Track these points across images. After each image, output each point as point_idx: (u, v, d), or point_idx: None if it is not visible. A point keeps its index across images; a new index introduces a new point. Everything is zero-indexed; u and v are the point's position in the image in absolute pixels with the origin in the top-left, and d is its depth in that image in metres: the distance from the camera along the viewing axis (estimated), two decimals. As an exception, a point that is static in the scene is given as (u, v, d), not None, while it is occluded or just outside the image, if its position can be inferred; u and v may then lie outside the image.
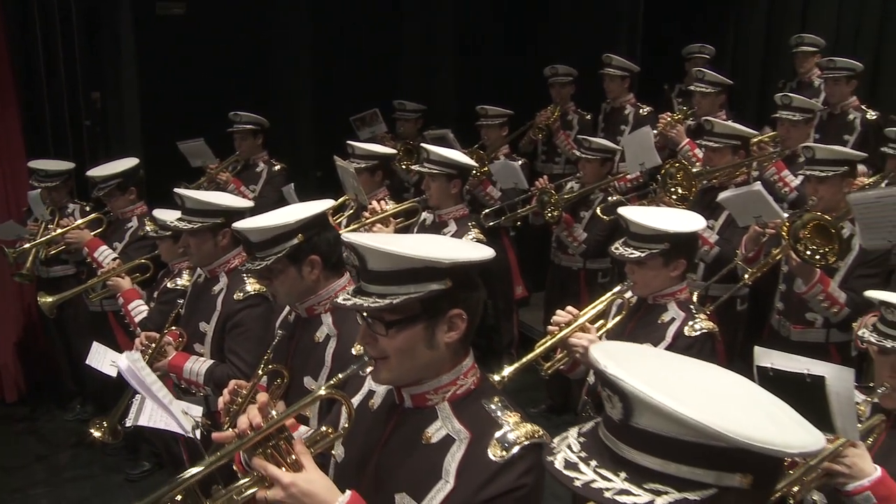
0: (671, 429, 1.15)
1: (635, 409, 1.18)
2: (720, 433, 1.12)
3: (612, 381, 1.20)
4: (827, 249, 3.75)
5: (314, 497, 1.77)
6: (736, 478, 1.17)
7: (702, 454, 1.15)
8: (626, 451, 1.21)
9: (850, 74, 6.65)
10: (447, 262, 1.81)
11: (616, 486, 1.18)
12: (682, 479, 1.17)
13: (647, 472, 1.18)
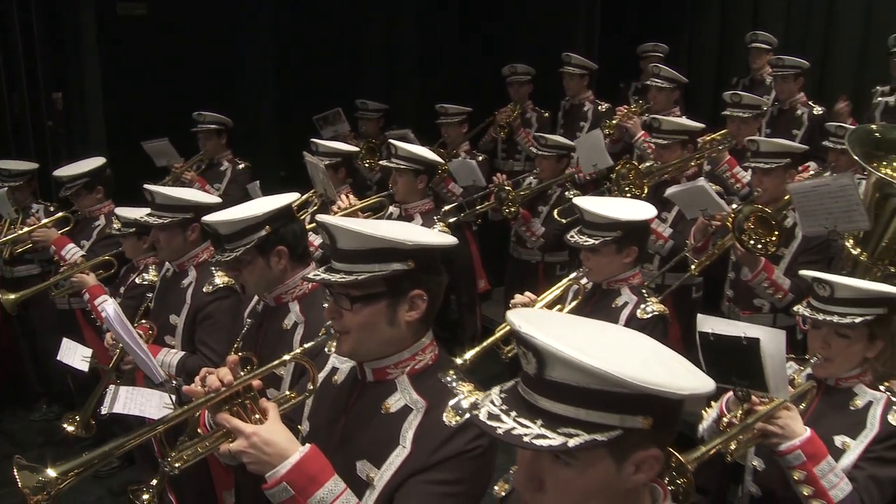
0: (580, 379, 1.29)
1: (548, 363, 1.32)
2: (622, 380, 1.26)
3: (526, 339, 1.33)
4: (768, 239, 3.94)
5: (274, 446, 1.88)
6: (638, 420, 1.31)
7: (607, 400, 1.29)
8: (542, 401, 1.34)
9: (797, 72, 6.90)
10: (410, 244, 1.95)
11: (533, 431, 1.31)
12: (591, 422, 1.30)
13: (561, 419, 1.31)
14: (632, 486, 1.38)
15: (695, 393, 1.32)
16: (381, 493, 1.97)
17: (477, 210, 5.85)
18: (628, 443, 1.33)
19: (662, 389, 1.27)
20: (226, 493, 3.74)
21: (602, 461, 1.34)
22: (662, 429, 1.35)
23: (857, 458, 2.60)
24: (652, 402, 1.30)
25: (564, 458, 1.34)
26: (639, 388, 1.26)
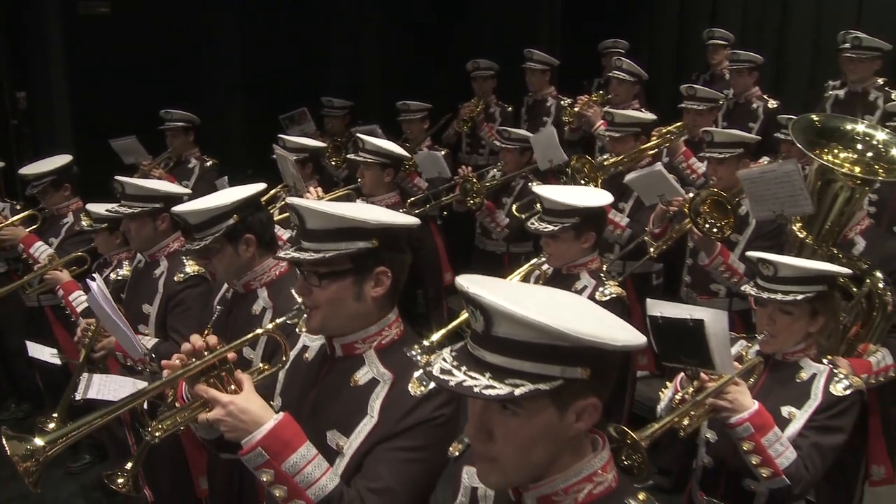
0: (524, 334, 1.41)
1: (494, 320, 1.43)
2: (563, 333, 1.37)
3: (473, 298, 1.45)
4: (724, 223, 4.11)
5: (250, 414, 1.98)
6: (577, 370, 1.43)
7: (549, 353, 1.41)
8: (489, 356, 1.45)
9: (752, 66, 7.13)
10: (374, 223, 2.07)
11: (482, 382, 1.42)
12: (535, 374, 1.42)
13: (507, 371, 1.43)
14: (574, 433, 1.50)
15: (627, 344, 1.44)
16: (350, 460, 2.08)
17: (442, 201, 5.97)
18: (569, 392, 1.45)
19: (599, 341, 1.39)
20: (201, 478, 3.86)
21: (546, 410, 1.45)
22: (600, 379, 1.47)
23: (802, 427, 2.76)
24: (589, 353, 1.42)
25: (511, 407, 1.46)
26: (578, 341, 1.38)
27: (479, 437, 1.51)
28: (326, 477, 1.97)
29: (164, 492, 4.02)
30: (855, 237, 3.89)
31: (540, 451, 1.48)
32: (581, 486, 1.53)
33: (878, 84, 6.55)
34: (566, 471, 1.53)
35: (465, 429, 1.54)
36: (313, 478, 1.95)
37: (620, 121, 5.34)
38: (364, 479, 2.04)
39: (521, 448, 1.48)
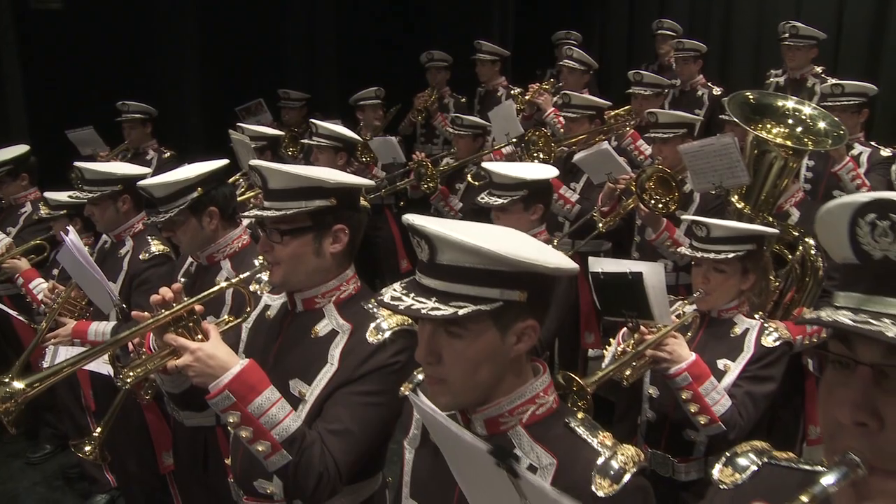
0: (466, 259, 1.55)
1: (438, 248, 1.57)
2: (502, 256, 1.52)
3: (419, 229, 1.59)
4: (668, 199, 4.30)
5: (217, 359, 2.10)
6: (515, 293, 1.58)
7: (489, 277, 1.55)
8: (435, 283, 1.59)
9: (696, 55, 7.40)
10: (333, 182, 2.22)
11: (429, 305, 1.55)
12: (477, 297, 1.56)
13: (451, 296, 1.57)
14: (515, 355, 1.64)
15: (559, 267, 1.60)
16: (312, 405, 2.22)
17: (398, 186, 6.10)
18: (509, 315, 1.60)
19: (534, 263, 1.55)
20: (165, 454, 3.93)
21: (488, 331, 1.60)
22: (536, 302, 1.62)
23: (736, 378, 2.94)
24: (526, 277, 1.57)
25: (456, 330, 1.59)
26: (515, 264, 1.54)
27: (428, 359, 1.64)
28: (290, 418, 2.10)
29: (129, 471, 4.10)
30: (790, 208, 4.12)
31: (485, 371, 1.62)
32: (525, 408, 1.68)
33: (816, 71, 6.85)
34: (510, 394, 1.67)
35: (416, 353, 1.67)
36: (277, 419, 2.08)
37: (577, 103, 5.56)
38: (324, 421, 2.18)
39: (468, 368, 1.61)
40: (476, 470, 0.84)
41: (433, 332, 1.63)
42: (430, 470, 1.81)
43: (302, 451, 2.09)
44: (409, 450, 1.90)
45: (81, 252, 3.18)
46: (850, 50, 8.12)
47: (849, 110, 5.51)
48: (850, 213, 0.97)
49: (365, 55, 9.05)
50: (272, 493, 2.35)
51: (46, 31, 7.37)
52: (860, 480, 0.94)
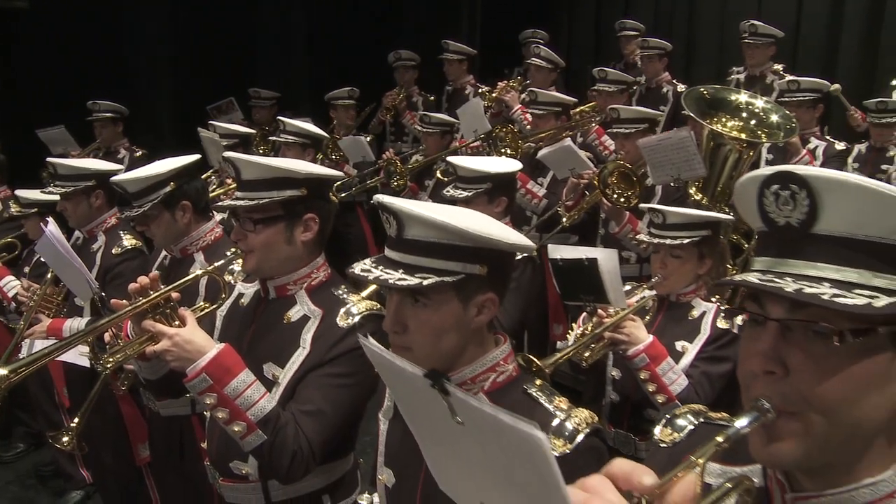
0: (431, 234, 1.67)
1: (406, 224, 1.69)
2: (465, 231, 1.65)
3: (389, 206, 1.71)
4: (630, 193, 4.44)
5: (194, 344, 2.20)
6: (476, 267, 1.70)
7: (452, 251, 1.68)
8: (402, 256, 1.71)
9: (661, 53, 7.54)
10: (304, 173, 2.33)
11: (396, 276, 1.68)
12: (440, 269, 1.68)
13: (417, 268, 1.69)
14: (476, 326, 1.76)
15: (517, 244, 1.73)
16: (285, 388, 2.32)
17: (367, 184, 6.20)
18: (470, 287, 1.72)
19: (494, 239, 1.68)
20: (141, 446, 3.98)
21: (451, 302, 1.72)
22: (496, 276, 1.75)
23: (693, 359, 3.07)
24: (486, 253, 1.70)
25: (421, 299, 1.72)
26: (476, 240, 1.66)
27: (395, 328, 1.76)
28: (265, 399, 2.20)
29: (105, 464, 4.14)
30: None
31: (448, 340, 1.74)
32: (486, 376, 1.80)
33: (775, 68, 7.04)
34: (473, 362, 1.79)
35: (384, 323, 1.79)
36: (252, 400, 2.17)
37: (544, 100, 5.68)
38: (297, 402, 2.28)
39: (432, 336, 1.74)
40: (419, 402, 0.94)
41: (400, 302, 1.75)
42: (402, 439, 1.93)
43: (276, 430, 2.18)
44: (384, 421, 2.03)
45: (61, 241, 3.23)
46: (808, 48, 8.35)
47: (805, 106, 5.71)
48: (757, 185, 1.09)
49: (335, 54, 9.12)
50: (248, 474, 2.44)
51: (14, 29, 7.37)
52: (770, 423, 1.04)
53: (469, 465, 0.92)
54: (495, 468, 0.86)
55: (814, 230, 1.03)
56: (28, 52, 7.34)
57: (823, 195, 1.01)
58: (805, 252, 1.04)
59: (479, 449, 0.86)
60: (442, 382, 0.82)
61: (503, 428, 0.79)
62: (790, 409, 1.03)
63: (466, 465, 0.93)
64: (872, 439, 1.06)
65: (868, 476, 1.06)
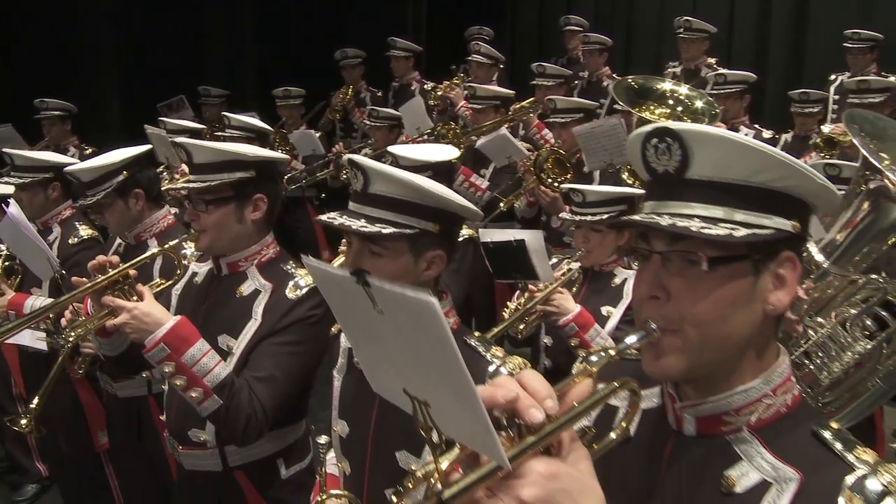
0: (393, 190, 1.89)
1: (371, 179, 1.90)
2: (425, 189, 1.87)
3: (357, 162, 1.92)
4: (564, 178, 4.67)
5: (152, 316, 2.36)
6: (430, 224, 1.92)
7: (410, 208, 1.89)
8: (365, 209, 1.92)
9: (601, 47, 7.82)
10: (252, 155, 2.51)
11: (358, 223, 1.88)
12: (398, 222, 1.89)
13: (377, 219, 1.90)
14: (425, 279, 1.97)
15: (465, 206, 1.96)
16: (238, 357, 2.50)
17: (318, 177, 6.35)
18: (422, 242, 1.93)
19: (448, 199, 1.91)
20: (100, 433, 4.05)
21: (404, 255, 1.93)
22: (446, 234, 1.97)
23: (618, 322, 3.29)
24: (439, 212, 1.92)
25: (378, 249, 1.92)
26: (433, 198, 1.89)
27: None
28: (220, 367, 2.37)
29: (64, 453, 4.18)
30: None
31: None
32: None
33: (709, 62, 7.35)
34: None
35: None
36: (209, 367, 2.34)
37: (482, 94, 5.90)
38: (250, 370, 2.46)
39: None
40: (352, 306, 1.08)
41: (358, 252, 1.95)
42: (353, 392, 2.14)
43: (232, 395, 2.35)
44: (338, 377, 2.24)
45: (23, 222, 3.33)
46: (741, 42, 8.73)
47: (733, 96, 6.03)
48: (641, 139, 1.28)
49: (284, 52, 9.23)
50: (205, 441, 2.61)
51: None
52: (656, 341, 1.24)
53: (392, 356, 1.09)
54: (410, 349, 1.03)
55: (686, 176, 1.23)
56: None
57: (693, 146, 1.21)
58: (680, 194, 1.24)
59: (397, 333, 1.03)
60: (364, 277, 1.00)
61: (407, 301, 0.95)
62: (672, 327, 1.23)
63: (391, 357, 1.10)
64: (743, 353, 1.26)
65: (741, 384, 1.26)
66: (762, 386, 1.27)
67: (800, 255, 1.27)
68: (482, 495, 0.98)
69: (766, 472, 1.21)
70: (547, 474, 0.99)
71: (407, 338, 1.01)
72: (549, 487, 0.98)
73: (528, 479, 0.98)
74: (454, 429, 1.03)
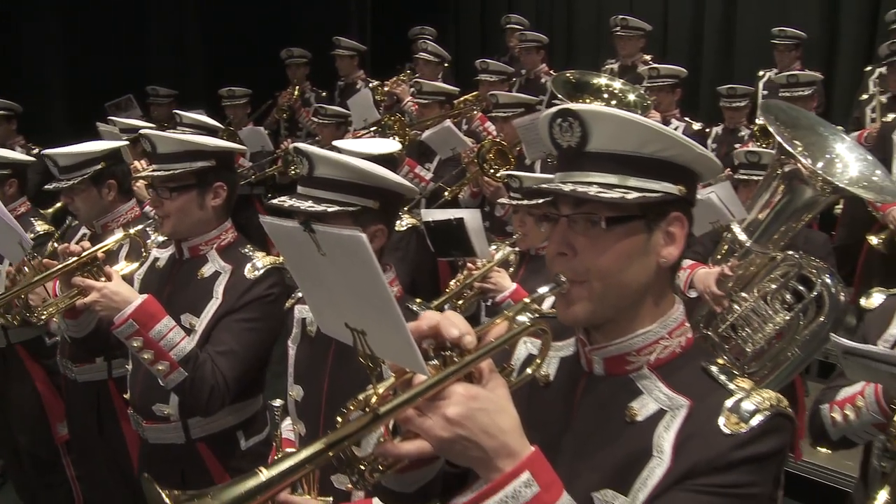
0: (336, 173, 2.09)
1: (316, 164, 2.10)
2: (365, 171, 2.08)
3: (301, 149, 2.12)
4: (506, 168, 4.88)
5: (121, 295, 2.53)
6: (370, 202, 2.13)
7: (352, 188, 2.10)
8: (311, 191, 2.12)
9: (538, 45, 8.07)
10: (212, 146, 2.69)
11: (306, 204, 2.08)
12: (342, 202, 2.10)
13: (323, 200, 2.10)
14: None
15: (403, 184, 2.17)
16: (201, 334, 2.67)
17: (266, 172, 6.50)
18: (365, 218, 2.13)
19: (387, 179, 2.12)
20: (59, 424, 4.13)
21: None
22: (386, 211, 2.18)
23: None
24: (379, 191, 2.13)
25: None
26: (373, 179, 2.10)
27: None
28: (185, 341, 2.55)
29: (23, 446, 4.23)
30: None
31: None
32: None
33: (645, 59, 7.64)
34: None
35: None
36: (174, 342, 2.52)
37: (427, 90, 6.12)
38: (212, 345, 2.63)
39: None
40: (302, 254, 1.26)
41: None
42: (306, 358, 2.35)
43: (196, 368, 2.53)
44: (292, 347, 2.43)
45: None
46: (676, 40, 9.08)
47: (665, 89, 6.32)
48: (548, 120, 1.48)
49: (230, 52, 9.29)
50: (169, 415, 2.77)
51: None
52: (566, 292, 1.44)
53: (335, 294, 1.28)
54: (347, 283, 1.22)
55: (586, 149, 1.43)
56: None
57: (590, 123, 1.42)
58: (581, 165, 1.45)
59: (337, 271, 1.22)
60: (310, 225, 1.20)
61: (342, 238, 1.16)
62: (578, 279, 1.43)
63: (334, 296, 1.28)
64: (641, 300, 1.46)
65: (640, 328, 1.47)
66: (659, 329, 1.47)
67: (688, 215, 1.47)
68: (413, 414, 1.19)
69: (663, 402, 1.41)
70: (468, 395, 1.19)
71: (344, 272, 1.21)
72: (470, 406, 1.18)
73: (452, 399, 1.18)
74: (385, 350, 1.23)
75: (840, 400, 2.45)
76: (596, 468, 1.41)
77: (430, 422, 1.18)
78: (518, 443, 1.21)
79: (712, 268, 3.66)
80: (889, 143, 5.29)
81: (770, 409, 1.34)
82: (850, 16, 7.88)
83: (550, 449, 1.29)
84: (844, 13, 7.91)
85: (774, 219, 3.55)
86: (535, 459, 1.21)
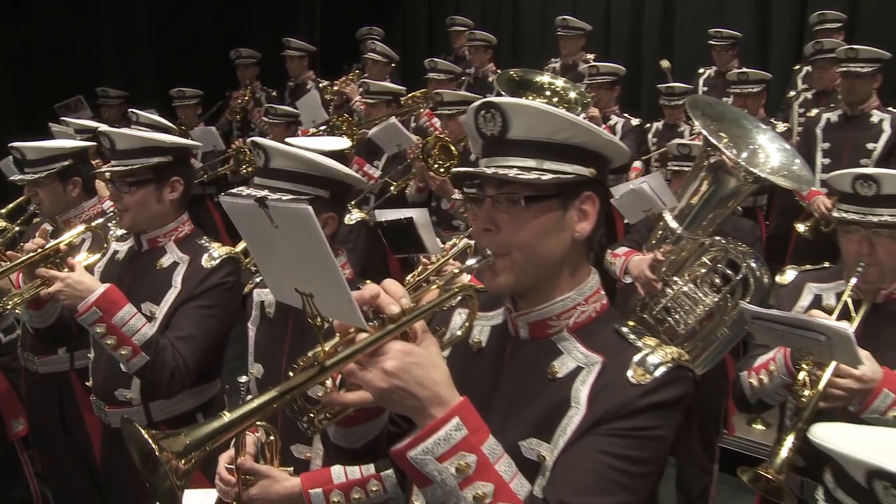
0: (290, 164, 2.25)
1: (271, 156, 2.26)
2: (317, 163, 2.24)
3: (258, 142, 2.28)
4: (450, 164, 5.06)
5: (84, 283, 2.67)
6: (322, 191, 2.29)
7: (304, 178, 2.27)
8: (268, 182, 2.28)
9: (486, 44, 8.27)
10: (169, 142, 2.83)
11: (262, 194, 2.20)
12: (297, 192, 2.26)
13: (278, 189, 2.25)
14: None
15: (352, 175, 2.34)
16: (161, 321, 2.82)
17: (218, 171, 6.60)
18: (317, 206, 2.21)
19: (336, 169, 2.29)
20: (14, 421, 4.14)
21: None
22: (337, 199, 2.35)
23: None
24: (329, 181, 2.30)
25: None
26: (323, 169, 2.27)
27: None
28: (146, 327, 2.69)
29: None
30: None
31: None
32: None
33: (586, 58, 7.86)
34: None
35: None
36: (136, 327, 2.66)
37: (375, 89, 6.28)
38: (172, 331, 2.78)
39: None
40: (257, 228, 1.40)
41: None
42: (265, 339, 2.51)
43: (157, 352, 2.68)
44: (252, 328, 2.58)
45: None
46: (617, 39, 9.35)
47: (604, 86, 6.55)
48: (473, 112, 1.67)
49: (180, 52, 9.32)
50: (131, 399, 2.92)
51: None
52: (491, 263, 1.61)
53: (286, 263, 1.43)
54: (296, 251, 1.37)
55: (507, 137, 1.62)
56: None
57: (510, 114, 1.60)
58: (503, 151, 1.63)
59: (287, 241, 1.38)
60: (263, 200, 1.36)
61: (290, 211, 1.32)
62: (502, 252, 1.61)
63: (285, 265, 1.44)
64: (559, 270, 1.64)
65: (559, 295, 1.65)
66: (576, 296, 1.65)
67: (600, 195, 1.65)
68: (355, 368, 1.36)
69: (580, 360, 1.60)
70: (403, 351, 1.36)
71: (294, 242, 1.37)
72: (405, 360, 1.35)
73: (389, 354, 1.35)
74: (331, 309, 1.40)
75: (756, 366, 2.67)
76: (522, 421, 1.59)
77: (371, 374, 1.34)
78: (448, 393, 1.38)
79: (646, 255, 3.88)
80: (813, 137, 5.59)
81: (672, 361, 1.52)
82: (780, 16, 8.22)
83: (483, 408, 1.43)
84: (775, 14, 8.25)
85: (703, 207, 3.78)
86: (464, 406, 1.38)
